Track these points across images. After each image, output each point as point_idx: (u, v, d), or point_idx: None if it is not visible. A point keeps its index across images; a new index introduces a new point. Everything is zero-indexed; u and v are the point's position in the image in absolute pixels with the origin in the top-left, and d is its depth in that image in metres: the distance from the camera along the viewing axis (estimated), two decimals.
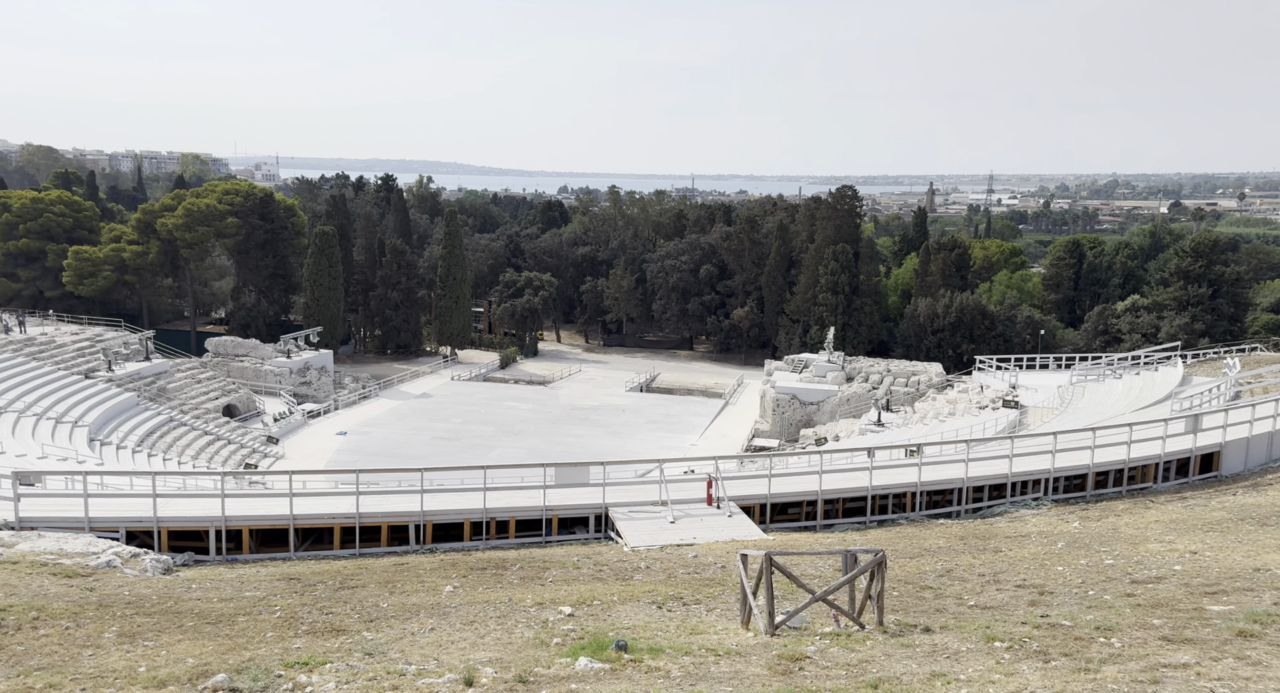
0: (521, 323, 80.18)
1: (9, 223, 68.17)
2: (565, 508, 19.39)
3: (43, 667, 7.90)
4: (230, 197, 69.35)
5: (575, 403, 60.98)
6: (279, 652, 8.62)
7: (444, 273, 75.12)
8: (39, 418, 39.03)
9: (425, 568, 14.98)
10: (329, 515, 18.59)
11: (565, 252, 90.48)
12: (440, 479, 25.81)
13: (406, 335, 76.06)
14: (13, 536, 15.96)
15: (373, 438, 49.91)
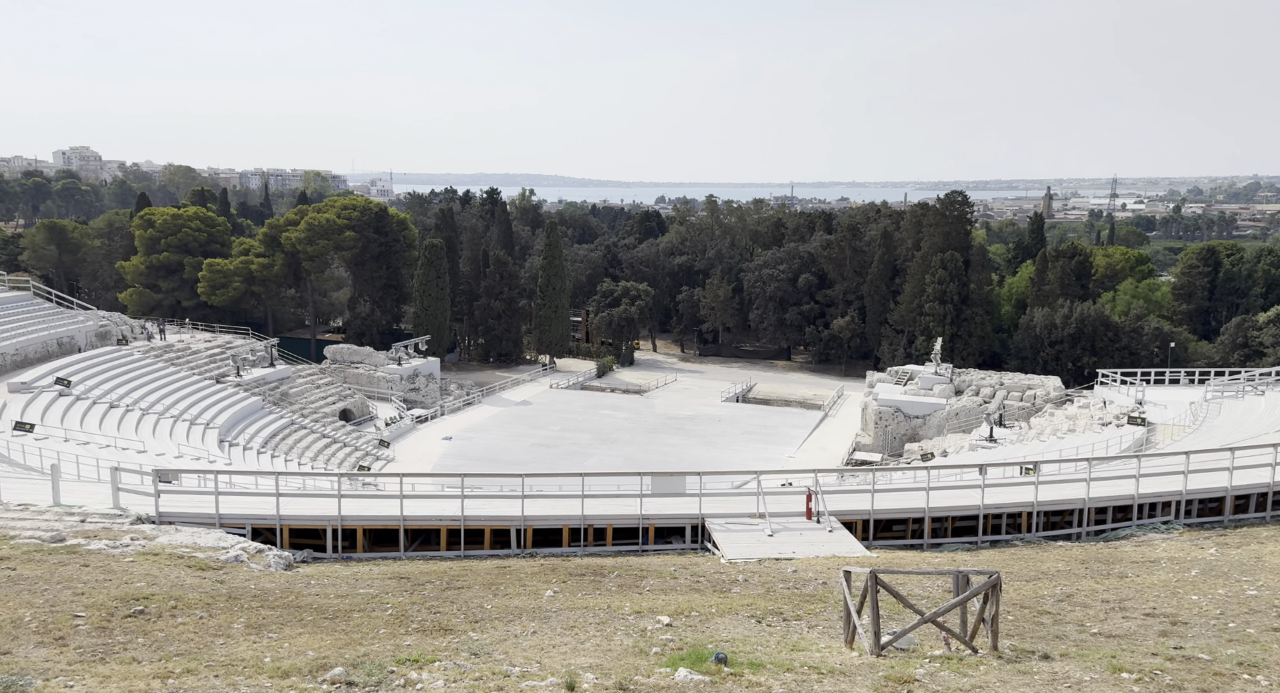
0: (618, 332, 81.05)
1: (152, 238, 74.09)
2: (661, 517, 19.40)
3: (181, 653, 8.49)
4: (348, 211, 73.17)
5: (671, 412, 61.05)
6: (391, 648, 8.96)
7: (544, 283, 76.86)
8: (175, 419, 42.13)
9: (526, 572, 15.28)
10: (436, 518, 19.24)
11: (662, 261, 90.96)
12: (540, 485, 26.34)
13: (508, 344, 78.16)
14: (154, 529, 17.26)
15: (476, 443, 51.44)
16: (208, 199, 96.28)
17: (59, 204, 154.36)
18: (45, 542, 15.26)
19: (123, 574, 13.01)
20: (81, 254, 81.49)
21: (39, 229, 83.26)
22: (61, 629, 9.32)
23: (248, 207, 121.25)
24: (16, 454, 28.77)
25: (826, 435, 55.75)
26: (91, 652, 8.47)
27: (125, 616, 10.05)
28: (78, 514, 17.95)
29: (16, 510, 17.96)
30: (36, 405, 36.85)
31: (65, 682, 7.20)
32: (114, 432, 37.19)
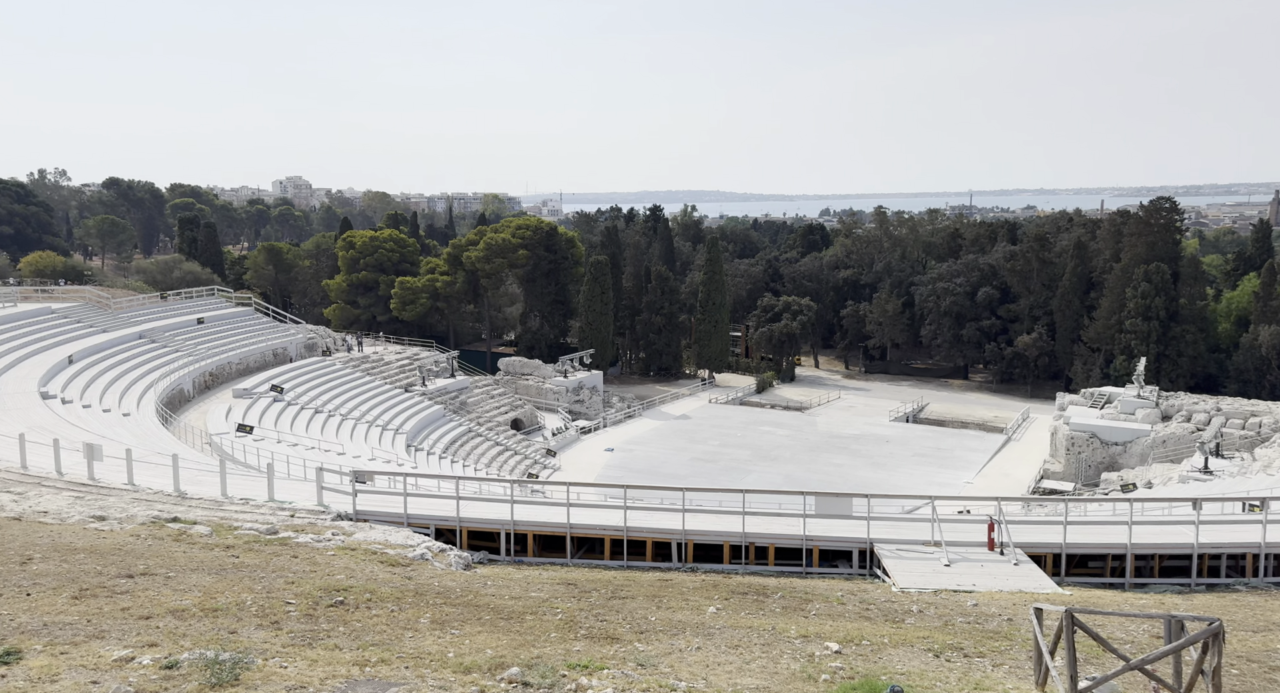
0: (779, 348, 79.87)
1: (353, 258, 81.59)
2: (826, 539, 18.83)
3: (375, 643, 9.20)
4: (521, 231, 77.18)
5: (834, 431, 59.29)
6: (562, 652, 9.25)
7: (704, 298, 77.22)
8: (370, 425, 45.95)
9: (688, 587, 15.30)
10: (600, 527, 19.73)
11: (825, 275, 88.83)
12: (700, 500, 26.33)
13: (668, 358, 79.10)
14: (351, 525, 18.87)
15: (637, 455, 52.35)
16: (400, 222, 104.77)
17: (276, 228, 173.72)
18: (261, 534, 17.08)
19: (325, 566, 14.31)
20: (294, 273, 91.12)
21: (259, 251, 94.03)
22: (276, 614, 10.37)
23: (434, 228, 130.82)
24: (239, 453, 32.47)
25: (1009, 461, 52.01)
26: (301, 636, 9.36)
27: (328, 605, 11.03)
28: (288, 510, 19.96)
29: (239, 504, 20.24)
30: (255, 409, 41.46)
31: (280, 663, 7.99)
32: (318, 434, 41.14)
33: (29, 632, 8.74)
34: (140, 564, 12.80)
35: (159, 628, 9.24)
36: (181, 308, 54.87)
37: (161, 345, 47.10)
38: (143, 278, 79.13)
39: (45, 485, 20.39)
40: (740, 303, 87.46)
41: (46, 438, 23.58)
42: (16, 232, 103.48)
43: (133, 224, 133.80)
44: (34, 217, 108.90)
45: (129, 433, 31.07)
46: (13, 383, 34.84)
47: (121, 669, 7.46)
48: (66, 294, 53.85)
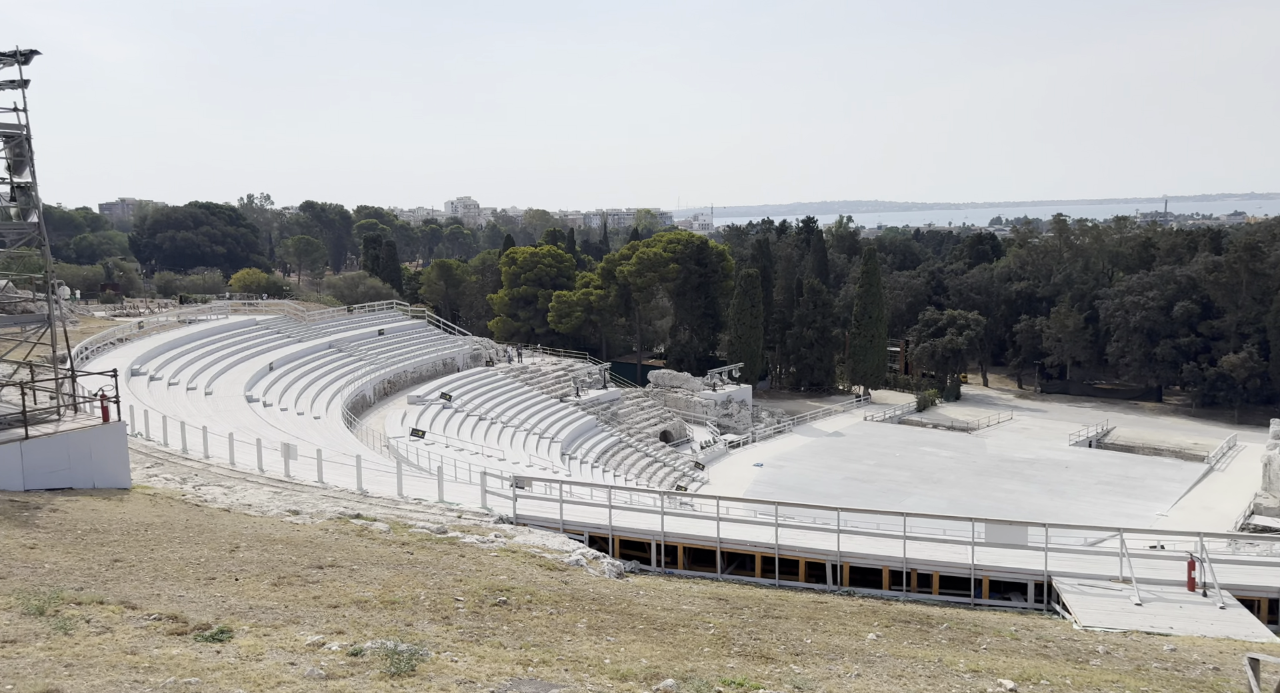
0: (942, 364, 75.95)
1: (514, 273, 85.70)
2: (998, 570, 17.65)
3: (536, 644, 9.56)
4: (673, 245, 78.15)
5: (1005, 454, 55.57)
6: (715, 668, 9.22)
7: (859, 311, 74.84)
8: (528, 433, 47.94)
9: (845, 610, 14.82)
10: (751, 543, 19.51)
11: (996, 288, 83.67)
12: (856, 521, 25.42)
13: (820, 373, 77.20)
14: (512, 528, 19.74)
15: (786, 472, 51.37)
16: (558, 239, 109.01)
17: (447, 246, 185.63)
18: (432, 533, 18.20)
19: (489, 567, 15.04)
20: (462, 288, 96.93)
21: (432, 267, 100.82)
22: (446, 610, 11.01)
23: (589, 244, 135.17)
24: (411, 456, 34.82)
25: (1211, 493, 46.73)
26: (469, 632, 9.88)
27: (492, 604, 11.59)
28: (455, 511, 21.17)
29: (412, 504, 21.69)
30: (426, 415, 44.35)
31: (451, 657, 8.48)
32: (481, 440, 43.40)
33: (238, 613, 9.77)
34: (328, 556, 13.99)
35: (345, 617, 10.05)
36: (365, 320, 59.73)
37: (347, 355, 51.44)
38: (332, 292, 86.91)
39: (249, 481, 22.77)
40: (899, 317, 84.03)
41: (250, 438, 26.34)
42: (229, 251, 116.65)
43: (324, 243, 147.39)
44: (243, 237, 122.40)
45: (318, 434, 34.12)
46: (224, 387, 39.21)
47: (314, 654, 8.18)
48: (268, 307, 60.06)
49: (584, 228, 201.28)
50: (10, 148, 18.38)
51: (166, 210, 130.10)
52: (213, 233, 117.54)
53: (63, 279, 68.61)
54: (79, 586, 10.28)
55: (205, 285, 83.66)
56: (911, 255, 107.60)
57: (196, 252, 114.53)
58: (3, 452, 16.80)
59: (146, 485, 20.02)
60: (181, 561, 12.47)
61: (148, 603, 9.60)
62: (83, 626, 8.32)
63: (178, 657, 7.52)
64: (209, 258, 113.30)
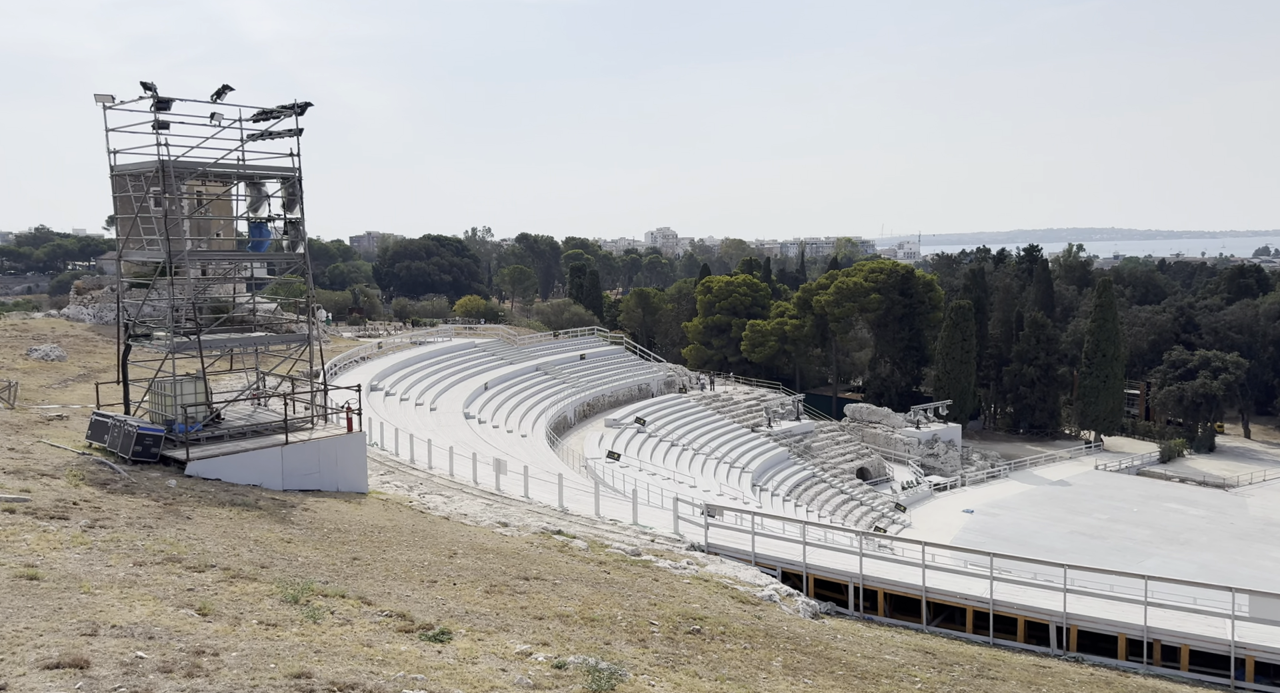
0: (1191, 411, 66.99)
1: (709, 302, 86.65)
2: (1266, 651, 15.08)
3: (731, 677, 9.41)
4: (874, 275, 75.47)
5: (1272, 517, 47.85)
6: None
7: (1091, 348, 67.90)
8: (719, 461, 47.90)
9: (1072, 678, 13.31)
10: (961, 595, 18.09)
11: (1261, 327, 72.84)
12: (1085, 581, 22.83)
13: (1042, 415, 70.76)
14: (703, 557, 19.70)
15: (1001, 521, 47.37)
16: (753, 268, 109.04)
17: (646, 275, 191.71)
18: (627, 554, 18.59)
19: (682, 593, 15.08)
20: (658, 316, 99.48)
21: (631, 296, 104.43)
22: (642, 632, 11.15)
23: (785, 273, 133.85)
24: (607, 477, 35.93)
25: None
26: (664, 658, 9.93)
27: (686, 631, 11.58)
28: (649, 534, 21.50)
29: (609, 524, 22.31)
30: (622, 438, 45.65)
31: (649, 680, 8.55)
32: (673, 466, 43.95)
33: (456, 617, 10.48)
34: (534, 569, 14.69)
35: (549, 629, 10.47)
36: (568, 345, 62.88)
37: (552, 378, 54.32)
38: (540, 318, 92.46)
39: (465, 492, 24.53)
40: (1139, 356, 75.36)
41: (467, 452, 28.42)
42: (454, 279, 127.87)
43: (535, 272, 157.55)
44: (466, 267, 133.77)
45: (524, 451, 36.19)
46: (446, 403, 42.73)
47: (522, 663, 8.57)
48: (485, 332, 64.93)
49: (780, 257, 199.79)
50: (285, 188, 21.33)
51: (404, 242, 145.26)
52: (441, 263, 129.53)
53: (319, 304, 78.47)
54: (325, 579, 11.52)
55: (433, 310, 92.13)
56: (1155, 288, 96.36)
57: (427, 280, 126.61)
58: (268, 455, 19.32)
59: (380, 491, 22.17)
60: (408, 562, 13.63)
61: (380, 600, 10.56)
62: (328, 616, 9.30)
63: (405, 653, 8.18)
64: (437, 285, 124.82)
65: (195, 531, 13.00)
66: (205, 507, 14.96)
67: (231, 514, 14.84)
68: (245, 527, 14.09)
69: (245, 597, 9.60)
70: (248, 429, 20.30)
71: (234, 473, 18.59)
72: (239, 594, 9.68)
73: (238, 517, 14.76)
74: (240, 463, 18.79)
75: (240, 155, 19.93)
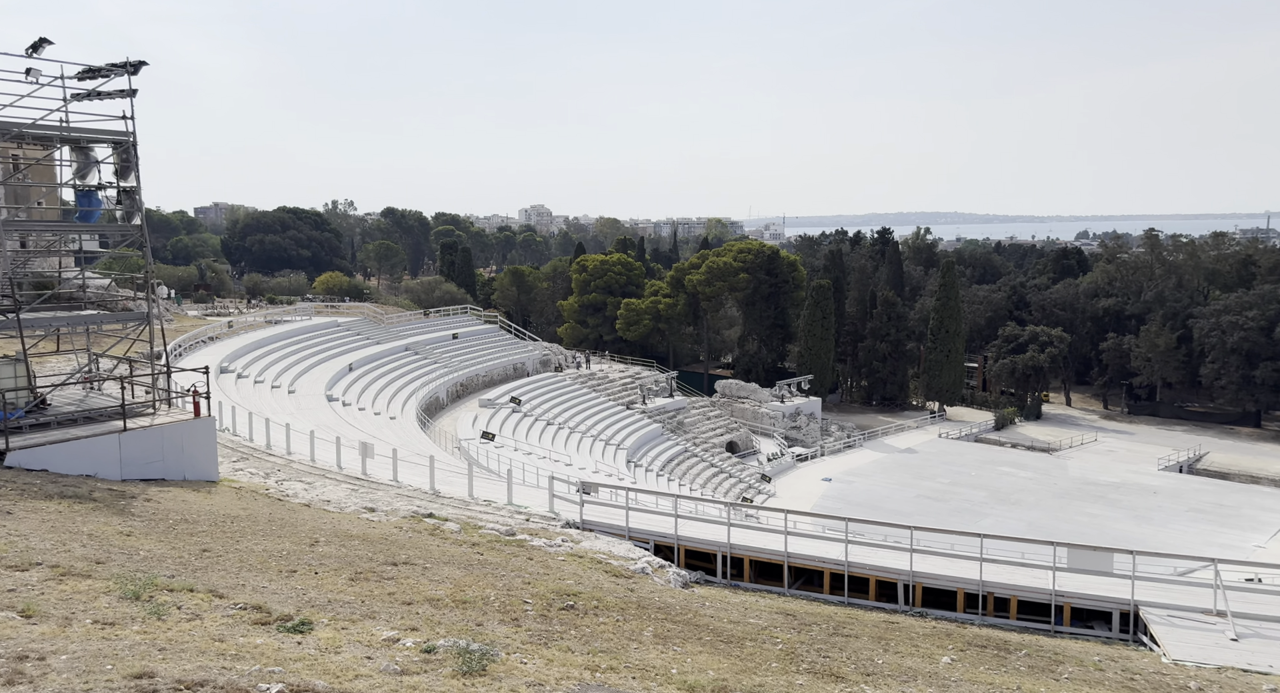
0: (1022, 382, 73.32)
1: (584, 280, 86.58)
2: (1080, 597, 16.87)
3: (604, 650, 9.58)
4: (743, 255, 77.71)
5: (1088, 477, 53.25)
6: (784, 684, 9.06)
7: (935, 325, 72.89)
8: (594, 439, 48.23)
9: (917, 632, 14.39)
10: (819, 559, 19.15)
11: (1081, 304, 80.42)
12: (929, 540, 24.70)
13: (893, 387, 75.44)
14: (578, 533, 19.86)
15: (856, 487, 50.34)
16: (628, 247, 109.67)
17: (520, 253, 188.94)
18: (501, 534, 18.47)
19: (557, 571, 15.16)
20: (533, 294, 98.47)
21: (506, 274, 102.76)
22: (515, 612, 11.14)
23: (659, 252, 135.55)
24: (482, 458, 35.45)
25: None
26: (537, 635, 9.97)
27: (560, 608, 11.67)
28: (524, 514, 21.44)
29: (482, 505, 22.06)
30: (496, 419, 45.10)
31: (520, 658, 8.56)
32: (548, 445, 43.89)
33: (317, 606, 10.08)
34: (403, 554, 14.33)
35: (418, 614, 10.27)
36: (440, 324, 61.23)
37: (422, 357, 52.79)
38: (410, 297, 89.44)
39: (328, 477, 23.54)
40: (978, 332, 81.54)
41: (330, 436, 27.24)
42: (313, 255, 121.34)
43: (403, 249, 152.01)
44: (327, 242, 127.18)
45: (394, 434, 35.07)
46: (306, 386, 40.70)
47: (389, 649, 8.37)
48: (349, 310, 62.15)
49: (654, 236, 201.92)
50: (117, 154, 19.51)
51: (256, 215, 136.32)
52: (299, 237, 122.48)
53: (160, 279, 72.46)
54: (171, 573, 10.79)
55: (291, 287, 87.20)
56: (992, 269, 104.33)
57: (283, 255, 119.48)
58: (103, 442, 17.79)
59: (233, 479, 20.91)
60: (265, 553, 12.96)
61: (234, 593, 10.01)
62: (175, 612, 8.72)
63: (262, 646, 7.81)
64: (295, 261, 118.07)
65: (17, 526, 11.84)
66: (29, 500, 13.63)
67: (61, 507, 13.60)
68: (77, 520, 12.95)
69: (78, 595, 8.85)
70: (79, 415, 18.63)
71: (63, 463, 17.03)
72: (70, 593, 8.91)
73: (68, 510, 13.54)
74: (71, 452, 17.23)
75: (63, 116, 18.04)
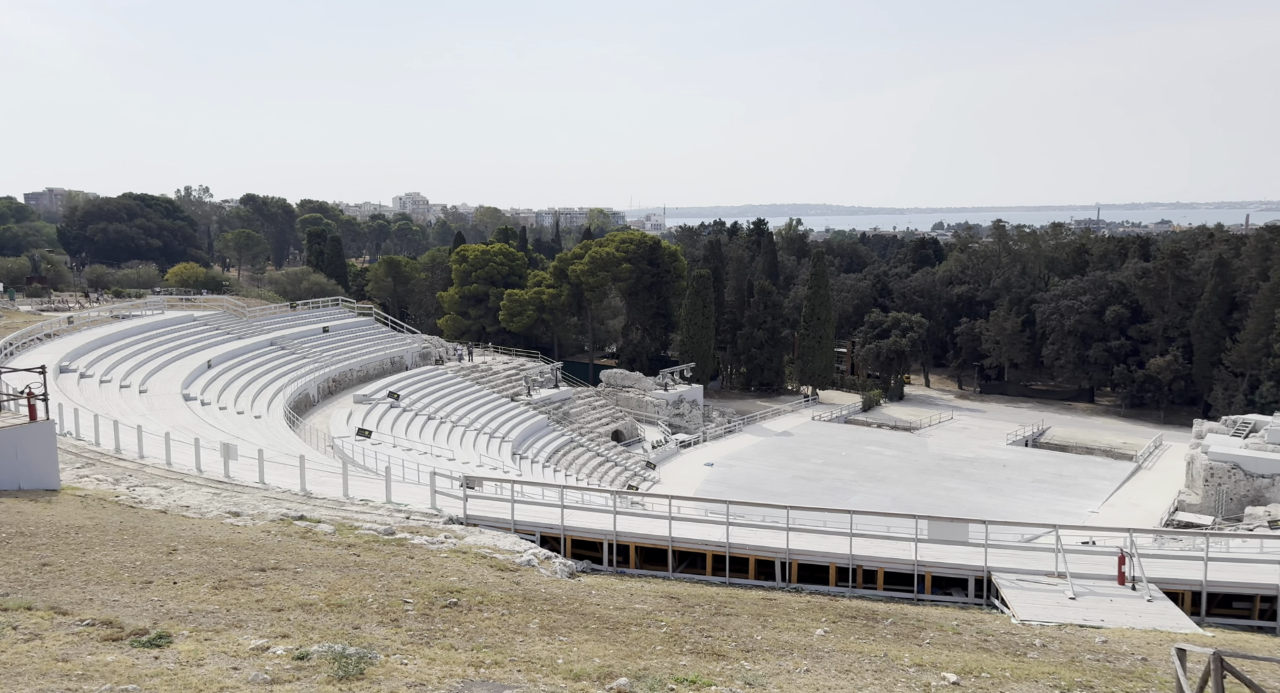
0: (886, 365, 77.52)
1: (465, 271, 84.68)
2: (940, 566, 18.08)
3: (488, 645, 9.45)
4: (625, 245, 78.16)
5: (946, 453, 56.97)
6: (668, 666, 9.24)
7: (808, 313, 75.92)
8: (478, 432, 47.41)
9: (794, 607, 15.00)
10: (702, 542, 19.63)
11: (938, 291, 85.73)
12: (804, 519, 25.79)
13: (770, 374, 78.09)
14: (462, 529, 19.50)
15: (737, 471, 51.84)
16: (510, 237, 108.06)
17: (395, 242, 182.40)
18: (380, 534, 17.87)
19: (439, 568, 14.83)
20: (410, 285, 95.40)
21: (380, 264, 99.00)
22: (395, 612, 10.82)
23: (541, 242, 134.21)
24: (358, 456, 34.13)
25: (1139, 491, 48.64)
26: (419, 635, 9.72)
27: (443, 606, 11.42)
28: (404, 511, 20.82)
29: (359, 505, 21.26)
30: (373, 415, 43.52)
31: (401, 659, 8.33)
32: (430, 440, 42.77)
33: (177, 618, 9.44)
34: (271, 559, 13.62)
35: (290, 620, 9.80)
36: (309, 317, 58.34)
37: (290, 352, 50.18)
38: (274, 288, 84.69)
39: (187, 481, 22.04)
40: (846, 318, 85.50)
41: (188, 437, 25.50)
42: (165, 245, 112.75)
43: (266, 238, 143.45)
44: (180, 231, 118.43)
45: (260, 434, 33.21)
46: (159, 385, 37.89)
47: (258, 658, 7.94)
48: (207, 303, 58.25)
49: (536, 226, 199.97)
50: None
51: (98, 202, 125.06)
52: (148, 225, 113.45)
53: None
54: (3, 591, 9.82)
55: (140, 280, 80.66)
56: (858, 258, 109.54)
57: (130, 245, 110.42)
58: None
59: (77, 487, 19.23)
60: (116, 564, 12.01)
61: (80, 608, 9.22)
62: (9, 633, 7.95)
63: (113, 664, 7.24)
64: (144, 251, 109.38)
65: None
66: None
67: None
68: None
69: None
70: None
71: None
72: None
73: None
74: None
75: None
